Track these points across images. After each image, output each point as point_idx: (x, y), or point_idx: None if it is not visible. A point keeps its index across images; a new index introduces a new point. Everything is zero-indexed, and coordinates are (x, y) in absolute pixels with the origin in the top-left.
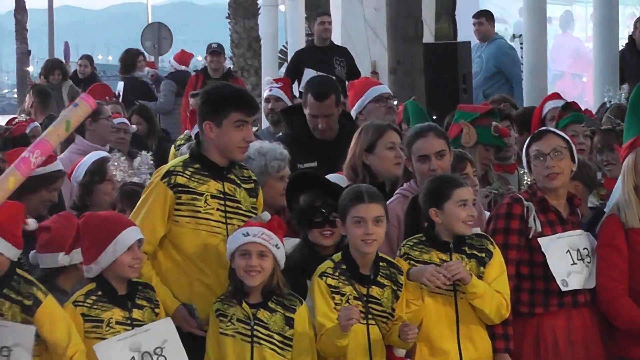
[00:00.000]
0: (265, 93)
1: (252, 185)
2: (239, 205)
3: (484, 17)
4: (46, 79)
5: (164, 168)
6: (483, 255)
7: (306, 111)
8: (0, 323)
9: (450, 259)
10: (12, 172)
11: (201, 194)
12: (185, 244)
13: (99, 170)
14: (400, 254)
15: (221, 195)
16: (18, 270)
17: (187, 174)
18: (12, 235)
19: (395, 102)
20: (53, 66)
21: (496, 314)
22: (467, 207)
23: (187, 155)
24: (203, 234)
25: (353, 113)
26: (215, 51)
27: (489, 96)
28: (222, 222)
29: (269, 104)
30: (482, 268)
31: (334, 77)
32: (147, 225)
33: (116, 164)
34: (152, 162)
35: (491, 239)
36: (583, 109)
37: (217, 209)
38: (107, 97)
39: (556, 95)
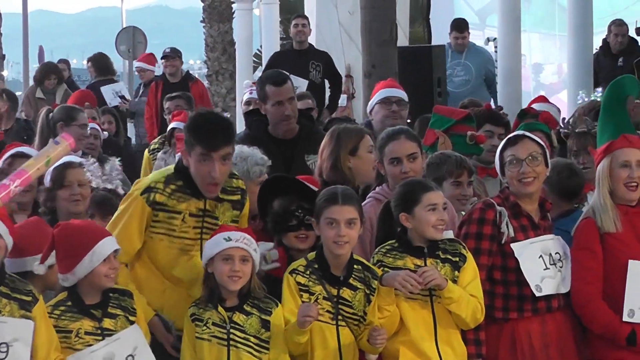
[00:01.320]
0: (245, 96)
1: (239, 196)
2: (217, 222)
3: (467, 31)
4: (41, 83)
5: (146, 182)
6: (457, 259)
7: (268, 105)
8: None
9: (425, 264)
10: None
11: (179, 212)
12: (157, 258)
13: (58, 176)
14: (374, 262)
15: (200, 213)
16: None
17: (167, 192)
18: (9, 223)
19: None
20: (49, 70)
21: (472, 318)
22: (437, 211)
23: (172, 169)
24: (175, 251)
25: (367, 111)
26: (167, 55)
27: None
28: (197, 239)
29: (249, 106)
30: (456, 272)
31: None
32: (125, 237)
33: (90, 170)
34: (119, 166)
35: (463, 244)
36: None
37: (194, 227)
38: (86, 103)
39: (542, 98)
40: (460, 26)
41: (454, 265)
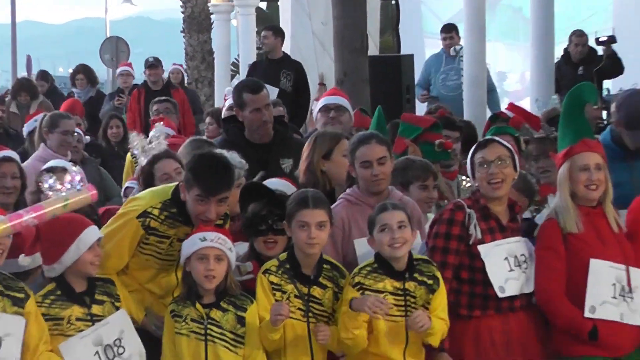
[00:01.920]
0: (227, 102)
1: (222, 221)
2: None
3: (454, 31)
4: (14, 99)
5: (142, 204)
6: (432, 282)
7: (246, 112)
8: None
9: (404, 286)
10: (4, 221)
11: (168, 237)
12: (136, 273)
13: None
14: (353, 284)
15: (186, 237)
16: None
17: (160, 218)
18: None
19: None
20: (20, 88)
21: (441, 340)
22: (389, 231)
23: (169, 194)
24: (155, 270)
25: (314, 120)
26: (152, 64)
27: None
28: (177, 259)
29: (232, 111)
30: (430, 295)
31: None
32: (116, 254)
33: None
34: (81, 172)
35: (435, 264)
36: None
37: (179, 250)
38: (75, 112)
39: (511, 106)
40: (446, 27)
41: (429, 287)
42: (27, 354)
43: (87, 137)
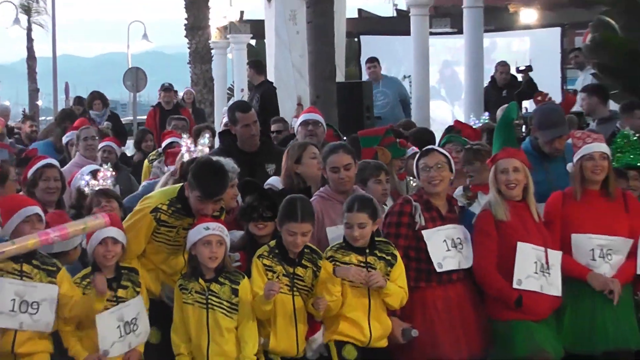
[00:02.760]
0: (224, 119)
1: (218, 213)
2: None
3: (377, 62)
4: (59, 126)
5: (154, 201)
6: (390, 258)
7: (237, 127)
8: (31, 284)
9: (366, 260)
10: (34, 236)
11: (174, 227)
12: (152, 256)
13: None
14: (327, 256)
15: (190, 227)
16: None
17: (169, 212)
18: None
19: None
20: (65, 117)
21: (399, 304)
22: (349, 229)
23: (175, 192)
24: (165, 254)
25: (295, 132)
26: (167, 88)
27: (398, 120)
28: (183, 245)
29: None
30: (389, 268)
31: None
32: (135, 242)
33: (83, 180)
34: (113, 172)
35: (393, 245)
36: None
37: (184, 237)
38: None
39: (456, 122)
40: (370, 59)
41: (388, 262)
42: (65, 309)
43: (123, 148)
